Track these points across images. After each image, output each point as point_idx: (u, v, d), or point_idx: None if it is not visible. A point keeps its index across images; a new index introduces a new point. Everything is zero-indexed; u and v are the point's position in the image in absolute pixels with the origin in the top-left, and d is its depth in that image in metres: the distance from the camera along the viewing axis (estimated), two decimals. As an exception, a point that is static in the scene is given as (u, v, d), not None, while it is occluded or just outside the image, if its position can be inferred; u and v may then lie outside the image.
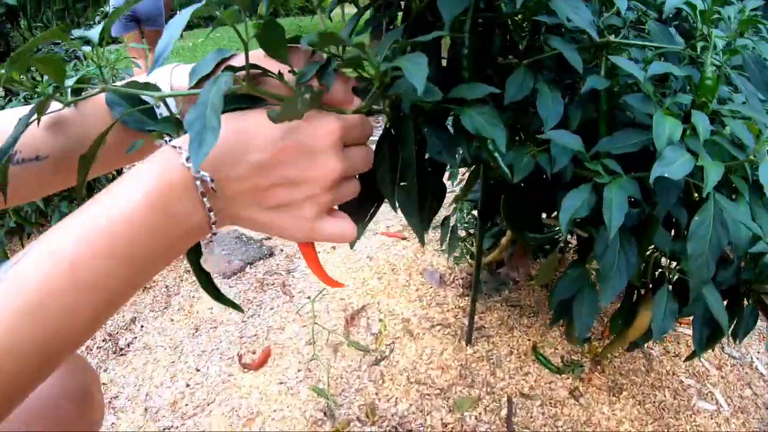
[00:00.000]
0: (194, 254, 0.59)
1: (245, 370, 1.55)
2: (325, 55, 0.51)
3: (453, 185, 1.86)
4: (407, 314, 1.69)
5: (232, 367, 1.56)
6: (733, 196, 0.66)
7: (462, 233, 1.70)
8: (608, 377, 1.56)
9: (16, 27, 4.89)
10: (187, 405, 1.46)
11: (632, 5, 0.81)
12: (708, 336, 0.84)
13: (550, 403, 1.42)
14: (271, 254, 2.09)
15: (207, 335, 1.70)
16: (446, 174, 1.74)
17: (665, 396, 1.55)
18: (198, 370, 1.57)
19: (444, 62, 0.72)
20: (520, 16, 0.75)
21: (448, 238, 1.62)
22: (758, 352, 1.83)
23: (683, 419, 1.49)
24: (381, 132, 0.61)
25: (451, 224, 1.59)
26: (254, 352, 1.60)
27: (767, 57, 0.66)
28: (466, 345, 1.55)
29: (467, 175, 1.38)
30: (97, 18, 6.11)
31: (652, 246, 0.78)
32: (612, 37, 0.74)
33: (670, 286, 0.77)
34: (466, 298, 1.71)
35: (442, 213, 1.81)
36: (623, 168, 0.61)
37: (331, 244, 2.15)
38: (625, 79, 0.73)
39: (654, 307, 0.72)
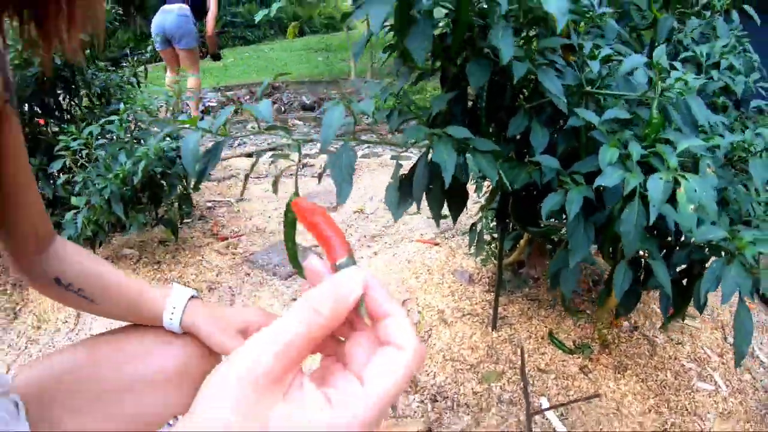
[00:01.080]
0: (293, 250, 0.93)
1: (306, 353, 1.89)
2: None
3: (479, 196, 2.20)
4: (441, 306, 2.03)
5: (295, 351, 1.91)
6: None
7: (487, 237, 2.03)
8: (614, 358, 1.87)
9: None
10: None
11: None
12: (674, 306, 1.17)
13: (562, 376, 1.74)
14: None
15: (271, 326, 2.05)
16: (473, 186, 2.10)
17: (667, 376, 1.84)
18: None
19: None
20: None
21: (475, 243, 1.95)
22: (761, 343, 2.11)
23: (683, 396, 1.78)
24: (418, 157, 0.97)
25: (477, 230, 1.93)
26: (313, 339, 1.95)
27: (690, 105, 0.99)
28: (492, 330, 1.88)
29: (491, 187, 1.72)
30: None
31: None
32: (589, 88, 1.09)
33: (626, 262, 1.09)
34: (492, 293, 2.04)
35: (470, 221, 2.15)
36: (590, 180, 0.95)
37: (375, 250, 2.50)
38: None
39: (615, 275, 1.05)
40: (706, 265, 1.08)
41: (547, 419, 1.60)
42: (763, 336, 2.15)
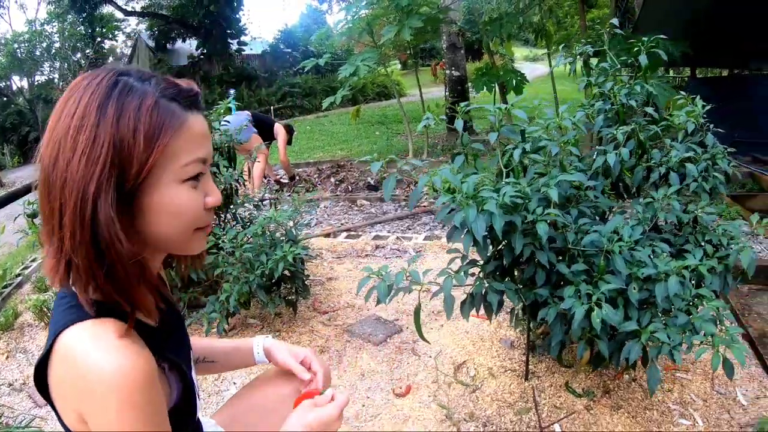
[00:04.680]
0: (417, 316, 2.00)
1: (397, 396, 2.94)
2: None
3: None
4: (490, 365, 3.08)
5: (389, 396, 2.96)
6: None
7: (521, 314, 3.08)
8: (613, 401, 2.85)
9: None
10: (364, 416, 2.85)
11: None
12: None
13: (572, 411, 2.75)
14: (401, 330, 3.52)
15: (370, 379, 3.11)
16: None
17: (653, 415, 2.80)
18: (368, 398, 2.97)
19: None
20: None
21: (514, 320, 3.00)
22: (746, 390, 2.99)
23: (664, 429, 2.74)
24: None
25: (515, 312, 2.97)
26: (401, 388, 2.99)
27: (618, 261, 2.05)
28: (525, 381, 2.91)
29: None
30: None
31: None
32: (569, 246, 2.16)
33: (584, 341, 2.12)
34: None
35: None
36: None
37: (441, 323, 3.55)
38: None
39: (553, 344, 2.07)
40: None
41: (559, 437, 2.62)
42: (749, 384, 2.99)
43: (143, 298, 1.03)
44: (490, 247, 2.11)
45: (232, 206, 3.94)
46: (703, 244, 2.52)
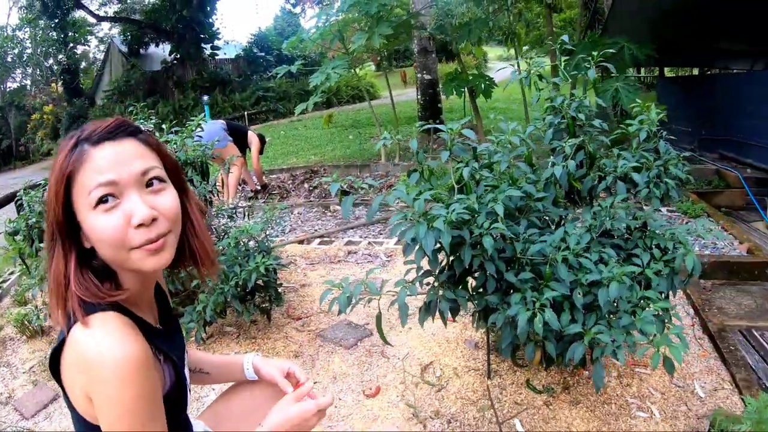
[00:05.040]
0: (379, 322, 2.16)
1: (367, 397, 3.10)
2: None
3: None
4: (455, 365, 3.25)
5: (360, 396, 3.12)
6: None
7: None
8: (572, 396, 3.02)
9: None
10: (336, 417, 3.00)
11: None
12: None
13: (531, 407, 2.92)
14: (371, 334, 3.68)
15: (341, 381, 3.26)
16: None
17: (612, 408, 2.97)
18: (340, 399, 3.13)
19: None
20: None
21: (476, 322, 3.17)
22: (704, 383, 3.13)
23: (621, 422, 2.90)
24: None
25: (476, 316, 3.14)
26: (371, 389, 3.15)
27: (560, 270, 2.22)
28: (488, 379, 3.09)
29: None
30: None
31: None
32: (519, 255, 2.33)
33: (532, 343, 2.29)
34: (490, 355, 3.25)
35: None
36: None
37: (409, 326, 3.71)
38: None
39: (503, 346, 2.25)
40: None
41: (515, 429, 2.79)
42: (707, 376, 3.16)
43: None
44: (443, 259, 2.29)
45: (206, 217, 4.08)
46: (651, 248, 2.69)
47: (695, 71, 15.29)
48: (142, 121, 4.39)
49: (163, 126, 4.08)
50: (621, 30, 10.30)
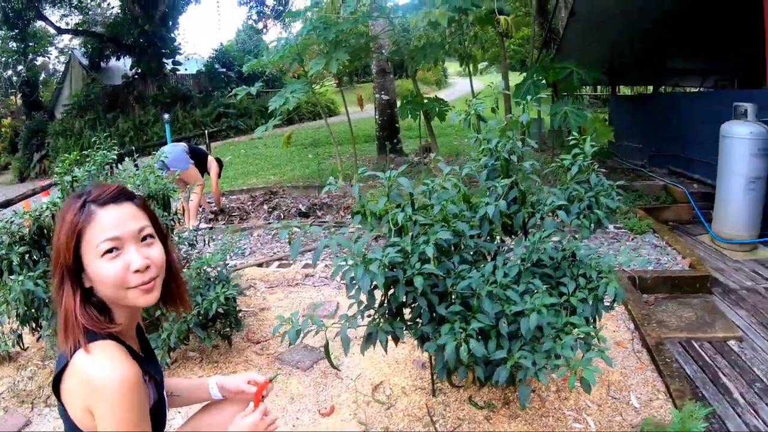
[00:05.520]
0: (327, 350, 2.43)
1: (322, 416, 3.35)
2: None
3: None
4: (404, 384, 3.52)
5: (315, 416, 3.36)
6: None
7: (430, 340, 3.52)
8: (511, 411, 3.29)
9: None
10: (294, 436, 3.25)
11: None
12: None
13: (473, 422, 3.19)
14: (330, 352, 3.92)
15: (299, 401, 3.51)
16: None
17: (549, 421, 3.21)
18: (297, 419, 3.37)
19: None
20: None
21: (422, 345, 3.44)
22: (640, 394, 3.41)
23: None
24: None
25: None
26: (326, 408, 3.40)
27: (485, 303, 2.51)
28: (433, 397, 3.36)
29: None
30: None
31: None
32: (450, 289, 2.61)
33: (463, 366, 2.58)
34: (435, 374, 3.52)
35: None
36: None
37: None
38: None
39: (437, 369, 2.53)
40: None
41: (459, 446, 3.07)
42: (643, 388, 3.45)
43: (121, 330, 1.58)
44: (380, 296, 2.59)
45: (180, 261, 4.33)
46: (577, 277, 2.96)
47: (650, 88, 15.91)
48: (105, 151, 4.58)
49: (124, 154, 4.29)
50: (575, 50, 10.78)
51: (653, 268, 5.42)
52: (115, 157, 4.63)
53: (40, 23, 24.40)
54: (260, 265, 5.99)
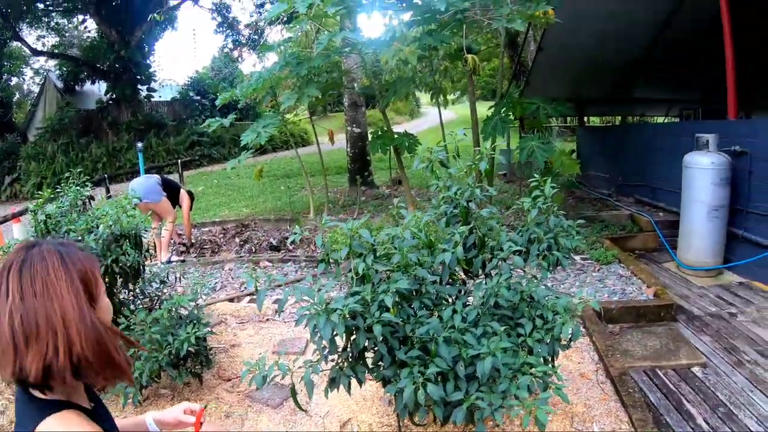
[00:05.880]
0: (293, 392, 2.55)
1: (290, 454, 3.45)
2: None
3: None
4: (371, 421, 3.65)
5: (283, 454, 3.47)
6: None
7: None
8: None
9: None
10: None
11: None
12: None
13: (435, 459, 3.33)
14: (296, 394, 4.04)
15: (267, 439, 3.61)
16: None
17: None
18: (266, 457, 3.47)
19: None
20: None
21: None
22: (603, 425, 3.56)
23: None
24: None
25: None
26: (294, 446, 3.51)
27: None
28: (397, 434, 3.49)
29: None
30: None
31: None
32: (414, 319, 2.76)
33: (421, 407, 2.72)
34: (400, 412, 3.65)
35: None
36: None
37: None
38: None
39: (398, 406, 2.66)
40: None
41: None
42: (606, 418, 3.60)
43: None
44: (343, 341, 2.73)
45: (139, 282, 4.43)
46: (534, 318, 3.11)
47: (618, 119, 16.34)
48: (78, 188, 4.68)
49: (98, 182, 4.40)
50: (543, 82, 11.08)
51: (618, 299, 5.62)
52: (88, 192, 4.74)
53: (16, 43, 24.30)
54: (231, 300, 6.08)
